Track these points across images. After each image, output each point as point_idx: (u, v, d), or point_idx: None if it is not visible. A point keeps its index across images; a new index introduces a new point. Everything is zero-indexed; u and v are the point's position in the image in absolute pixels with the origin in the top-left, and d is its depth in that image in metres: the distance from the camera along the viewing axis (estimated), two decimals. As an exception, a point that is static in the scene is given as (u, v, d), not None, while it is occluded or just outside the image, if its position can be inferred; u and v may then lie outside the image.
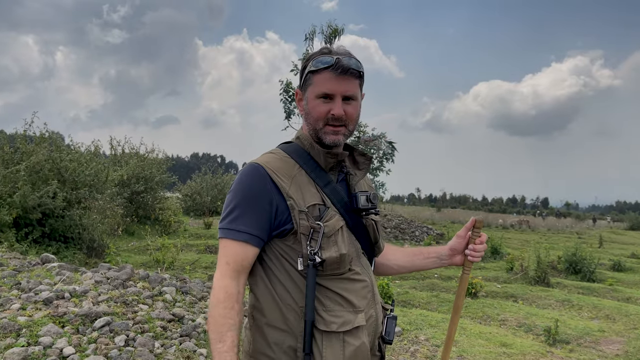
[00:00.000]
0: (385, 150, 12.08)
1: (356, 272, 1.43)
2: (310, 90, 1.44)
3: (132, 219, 15.32)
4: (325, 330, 1.34)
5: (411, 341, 5.23)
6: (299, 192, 1.40)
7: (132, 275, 5.13)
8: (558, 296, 8.79)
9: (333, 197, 1.44)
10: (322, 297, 1.37)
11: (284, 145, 1.54)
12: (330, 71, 1.40)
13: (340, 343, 1.34)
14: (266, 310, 1.41)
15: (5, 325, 3.48)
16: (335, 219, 1.41)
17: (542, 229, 30.00)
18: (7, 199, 8.64)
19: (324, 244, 1.35)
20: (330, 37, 11.38)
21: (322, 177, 1.45)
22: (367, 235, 1.52)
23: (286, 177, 1.40)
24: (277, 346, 1.38)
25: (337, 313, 1.36)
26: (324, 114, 1.42)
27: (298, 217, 1.36)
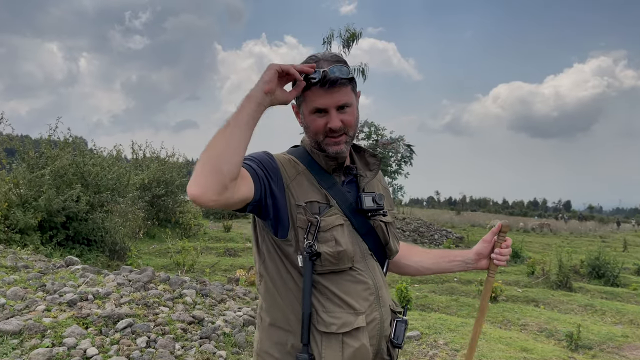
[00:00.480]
0: (403, 153, 12.03)
1: (359, 273, 1.44)
2: (304, 106, 1.46)
3: (153, 222, 15.51)
4: (325, 331, 1.36)
5: (430, 345, 5.20)
6: (300, 188, 1.43)
7: (153, 277, 5.21)
8: (581, 301, 8.65)
9: (338, 199, 1.46)
10: (323, 298, 1.39)
11: (291, 149, 1.58)
12: (319, 87, 1.39)
13: (339, 344, 1.36)
14: (270, 310, 1.46)
15: (31, 327, 3.57)
16: (335, 216, 1.42)
17: (564, 233, 29.51)
18: (32, 203, 8.84)
19: (320, 238, 1.37)
20: (348, 41, 11.39)
21: (326, 179, 1.48)
22: (376, 237, 1.52)
23: (289, 172, 1.44)
24: (281, 346, 1.42)
25: (336, 314, 1.38)
26: (321, 127, 1.43)
27: (295, 211, 1.39)
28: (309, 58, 1.46)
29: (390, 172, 12.12)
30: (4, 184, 8.73)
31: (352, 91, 1.46)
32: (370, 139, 12.34)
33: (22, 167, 9.61)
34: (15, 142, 9.79)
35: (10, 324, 3.55)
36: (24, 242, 8.16)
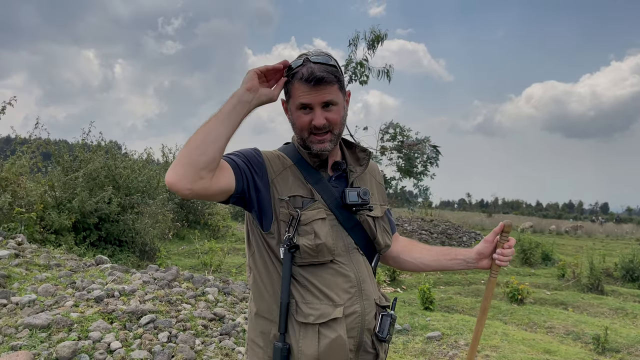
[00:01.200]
0: (429, 154, 11.94)
1: (340, 266, 1.46)
2: (291, 102, 1.49)
3: (182, 223, 15.83)
4: (303, 321, 1.40)
5: (450, 345, 5.19)
6: (284, 183, 1.47)
7: (177, 276, 5.35)
8: (611, 304, 8.44)
9: (323, 194, 1.49)
10: (302, 290, 1.43)
11: (283, 146, 1.63)
12: (305, 83, 1.42)
13: (315, 335, 1.39)
14: (257, 301, 1.51)
15: (59, 321, 3.74)
16: (317, 211, 1.46)
17: (599, 235, 28.67)
18: (66, 205, 9.17)
19: (300, 231, 1.41)
20: (373, 43, 11.40)
21: (312, 175, 1.52)
22: (363, 232, 1.54)
23: (276, 167, 1.49)
24: (264, 335, 1.46)
25: (315, 306, 1.41)
26: (306, 124, 1.46)
27: (278, 205, 1.44)
28: (299, 56, 1.49)
29: (416, 173, 12.03)
30: (40, 186, 9.07)
31: (339, 90, 1.48)
32: (395, 140, 12.29)
33: (57, 170, 9.98)
34: (51, 146, 10.16)
35: (40, 318, 3.73)
36: (58, 242, 8.46)
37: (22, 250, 5.98)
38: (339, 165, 1.58)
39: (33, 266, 5.47)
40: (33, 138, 9.60)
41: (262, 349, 1.47)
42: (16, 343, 3.41)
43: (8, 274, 4.87)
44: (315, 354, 1.37)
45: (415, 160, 12.16)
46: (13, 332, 3.61)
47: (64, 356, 3.28)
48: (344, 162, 1.59)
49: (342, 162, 1.59)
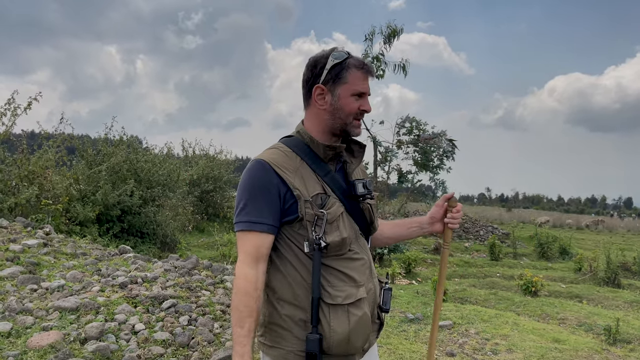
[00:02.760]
0: (445, 148, 11.99)
1: (355, 252, 1.59)
2: (344, 88, 1.57)
3: (202, 216, 16.15)
4: (332, 303, 1.50)
5: (461, 334, 5.32)
6: (302, 183, 1.54)
7: (197, 265, 5.57)
8: (627, 297, 8.45)
9: (332, 185, 1.58)
10: (327, 275, 1.53)
11: (285, 139, 1.67)
12: (362, 72, 1.57)
13: (345, 314, 1.51)
14: (278, 287, 1.57)
15: (87, 304, 3.97)
16: (336, 206, 1.55)
17: (621, 230, 28.32)
18: (90, 197, 9.49)
19: (327, 230, 1.51)
20: (390, 37, 11.46)
21: (322, 167, 1.59)
22: (364, 218, 1.66)
23: (290, 170, 1.54)
24: (289, 318, 1.56)
25: (341, 288, 1.53)
26: (355, 109, 1.58)
27: (304, 206, 1.51)
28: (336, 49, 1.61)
29: (432, 167, 12.09)
30: (65, 179, 9.39)
31: None
32: (411, 134, 12.35)
33: (81, 164, 10.30)
34: (75, 140, 10.49)
35: (69, 301, 3.97)
36: (83, 233, 8.77)
37: (50, 240, 6.26)
38: (338, 157, 1.66)
39: (61, 255, 5.74)
40: (58, 133, 9.92)
41: (287, 331, 1.56)
42: (47, 324, 3.64)
43: (38, 261, 5.14)
44: (346, 331, 1.50)
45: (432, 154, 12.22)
46: (44, 315, 3.85)
47: (92, 336, 3.51)
48: (342, 154, 1.68)
49: (341, 154, 1.67)
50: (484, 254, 14.71)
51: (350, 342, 1.51)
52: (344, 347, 1.51)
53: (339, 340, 1.49)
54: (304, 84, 1.64)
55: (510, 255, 14.53)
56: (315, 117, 1.63)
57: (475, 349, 4.89)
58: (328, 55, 1.59)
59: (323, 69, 1.58)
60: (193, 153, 18.46)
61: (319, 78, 1.58)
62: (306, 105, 1.66)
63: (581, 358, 4.75)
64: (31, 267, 4.95)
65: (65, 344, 3.40)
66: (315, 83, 1.59)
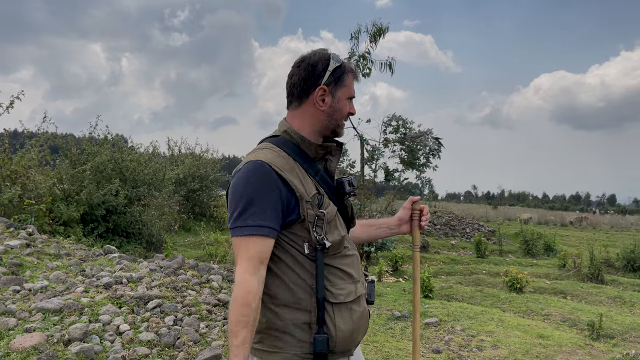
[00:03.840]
0: (431, 146, 12.05)
1: (349, 249, 1.62)
2: (343, 91, 1.59)
3: (188, 215, 16.06)
4: (335, 302, 1.51)
5: (447, 331, 5.35)
6: (301, 183, 1.51)
7: (182, 264, 5.54)
8: (610, 293, 8.57)
9: (323, 185, 1.58)
10: (328, 274, 1.52)
11: (273, 139, 1.62)
12: (353, 76, 1.63)
13: (348, 312, 1.53)
14: (277, 292, 1.52)
15: (70, 305, 3.93)
16: (331, 205, 1.56)
17: (604, 227, 28.72)
18: (74, 197, 9.38)
19: (328, 229, 1.51)
20: (375, 36, 11.48)
21: (312, 167, 1.58)
22: (347, 215, 1.68)
23: (288, 171, 1.50)
24: (291, 322, 1.51)
25: (341, 286, 1.54)
26: (347, 112, 1.63)
27: (305, 207, 1.48)
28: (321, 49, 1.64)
29: (419, 165, 12.15)
30: (49, 179, 9.28)
31: None
32: (398, 132, 12.40)
33: (65, 163, 10.18)
34: (59, 140, 10.36)
35: (52, 302, 3.92)
36: (67, 233, 8.67)
37: (32, 241, 6.18)
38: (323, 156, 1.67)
39: (44, 255, 5.67)
40: (41, 132, 9.80)
41: (289, 335, 1.51)
42: (30, 326, 3.60)
43: (20, 262, 5.07)
44: (350, 327, 1.53)
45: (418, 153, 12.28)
46: (27, 316, 3.80)
47: (75, 337, 3.47)
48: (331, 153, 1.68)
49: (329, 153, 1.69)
50: (470, 251, 14.83)
51: (353, 337, 1.56)
52: (348, 343, 1.54)
53: (344, 338, 1.52)
54: (300, 83, 1.59)
55: (496, 252, 14.67)
56: (309, 116, 1.60)
57: (461, 345, 4.92)
58: (327, 57, 1.59)
59: (325, 71, 1.56)
60: (179, 152, 18.35)
61: (321, 79, 1.56)
62: (297, 104, 1.61)
63: (565, 353, 4.81)
64: (14, 268, 4.88)
65: (48, 345, 3.36)
66: (316, 83, 1.57)
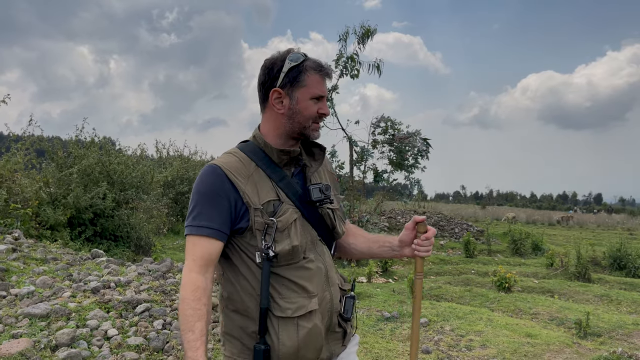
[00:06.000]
0: (420, 147, 12.12)
1: (310, 260, 1.54)
2: (302, 92, 1.53)
3: (177, 218, 15.96)
4: (281, 316, 1.47)
5: (436, 331, 5.38)
6: (254, 190, 1.50)
7: (171, 268, 5.51)
8: (597, 291, 8.66)
9: (288, 191, 1.54)
10: (279, 285, 1.49)
11: (241, 144, 1.63)
12: (320, 74, 1.54)
13: (294, 327, 1.47)
14: (231, 298, 1.54)
15: (58, 310, 3.89)
16: (289, 212, 1.51)
17: (591, 225, 29.01)
18: (61, 200, 9.29)
19: (277, 238, 1.47)
20: (363, 38, 11.54)
21: (276, 172, 1.55)
22: (324, 224, 1.62)
23: (242, 177, 1.50)
24: (242, 330, 1.53)
25: (292, 299, 1.48)
26: (314, 113, 1.55)
27: (253, 214, 1.47)
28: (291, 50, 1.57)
29: (407, 166, 12.21)
30: (35, 182, 9.17)
31: None
32: (386, 133, 12.45)
33: (51, 166, 10.09)
34: (45, 143, 10.26)
35: (39, 308, 3.88)
36: (54, 237, 8.58)
37: (19, 245, 6.12)
38: (296, 161, 1.63)
39: (30, 260, 5.61)
40: (27, 135, 9.70)
41: (239, 341, 1.54)
42: (17, 331, 3.56)
43: (6, 267, 5.01)
44: (295, 344, 1.47)
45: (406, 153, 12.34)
46: (13, 322, 3.76)
47: (63, 343, 3.44)
48: (302, 158, 1.65)
49: (300, 157, 1.64)
50: (459, 251, 14.90)
51: (300, 354, 1.49)
52: (293, 359, 1.49)
53: (288, 354, 1.47)
54: (260, 87, 1.60)
55: (484, 252, 14.75)
56: (272, 120, 1.59)
57: (450, 345, 4.95)
58: (284, 57, 1.55)
59: (280, 72, 1.54)
60: (167, 154, 18.25)
61: (276, 81, 1.54)
62: (262, 108, 1.61)
63: (553, 352, 4.86)
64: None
65: (35, 351, 3.32)
66: (272, 86, 1.55)
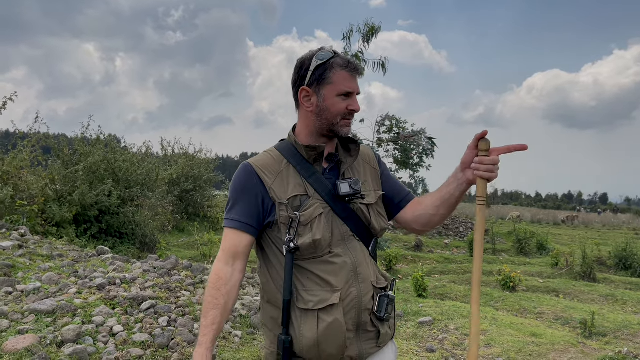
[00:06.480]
0: (425, 146, 12.10)
1: (336, 255, 1.55)
2: (329, 89, 1.57)
3: (182, 216, 16.00)
4: (304, 308, 1.51)
5: (441, 330, 5.37)
6: (282, 185, 1.56)
7: (176, 265, 5.53)
8: (602, 291, 8.62)
9: (317, 187, 1.57)
10: (303, 278, 1.53)
11: (279, 143, 1.70)
12: (348, 71, 1.57)
13: (315, 320, 1.50)
14: (265, 289, 1.63)
15: (63, 307, 3.91)
16: (314, 207, 1.54)
17: (596, 225, 28.91)
18: (67, 198, 9.32)
19: (300, 232, 1.51)
20: (368, 35, 11.52)
21: (307, 169, 1.59)
22: (357, 219, 1.61)
23: (272, 173, 1.58)
24: (274, 320, 1.59)
25: (315, 292, 1.51)
26: (343, 109, 1.57)
27: (278, 209, 1.53)
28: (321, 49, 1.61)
29: (412, 164, 12.20)
30: (41, 180, 9.21)
31: None
32: (391, 132, 12.44)
33: (57, 164, 10.12)
34: (51, 140, 10.30)
35: (45, 304, 3.90)
36: (60, 234, 8.62)
37: (25, 242, 6.15)
38: (332, 157, 1.66)
39: (36, 256, 5.64)
40: (33, 132, 9.73)
41: (272, 332, 1.60)
42: (23, 327, 3.58)
43: (13, 263, 5.04)
44: (314, 337, 1.49)
45: (411, 152, 12.34)
46: (19, 318, 3.78)
47: (69, 339, 3.46)
48: (337, 153, 1.67)
49: (335, 153, 1.66)
50: (464, 250, 14.88)
51: (320, 348, 1.51)
52: (315, 352, 1.51)
53: (309, 346, 1.50)
54: (292, 86, 1.65)
55: (489, 251, 14.72)
56: (303, 118, 1.65)
57: (455, 344, 4.94)
58: (313, 56, 1.59)
59: (307, 71, 1.59)
60: (172, 152, 18.29)
61: (305, 80, 1.59)
62: (296, 107, 1.67)
63: (557, 352, 4.84)
64: (6, 269, 4.85)
65: (41, 347, 3.34)
66: (301, 85, 1.61)
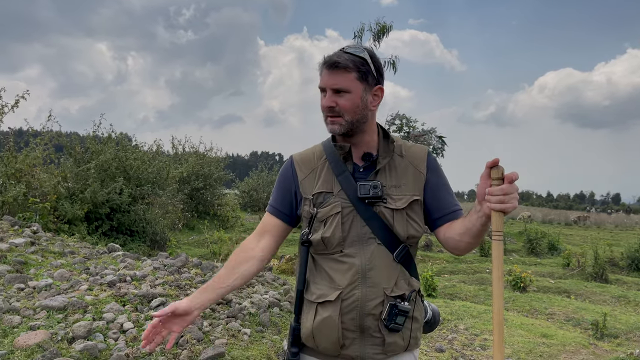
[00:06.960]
0: (435, 145, 12.05)
1: (347, 255, 1.53)
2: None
3: (192, 214, 16.08)
4: (308, 299, 1.60)
5: (450, 330, 5.35)
6: (313, 181, 1.62)
7: (186, 262, 5.55)
8: (614, 292, 8.55)
9: (345, 186, 1.57)
10: (316, 271, 1.61)
11: (328, 138, 1.71)
12: (325, 67, 1.55)
13: (313, 312, 1.57)
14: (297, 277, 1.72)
15: (74, 303, 3.94)
16: (332, 205, 1.55)
17: (609, 226, 28.63)
18: (79, 195, 9.42)
19: (315, 227, 1.57)
20: (379, 34, 11.49)
21: (338, 167, 1.60)
22: (381, 222, 1.55)
23: (307, 168, 1.66)
24: (293, 307, 1.68)
25: (320, 286, 1.58)
26: (322, 107, 1.58)
27: (303, 203, 1.63)
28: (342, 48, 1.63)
29: (422, 163, 12.16)
30: (53, 177, 9.30)
31: (356, 79, 1.53)
32: (402, 131, 12.41)
33: (69, 161, 10.22)
34: (63, 138, 10.39)
35: (56, 300, 3.94)
36: (71, 231, 8.70)
37: (37, 239, 6.21)
38: (369, 156, 1.62)
39: (48, 253, 5.69)
40: (45, 130, 9.83)
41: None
42: (34, 323, 3.61)
43: (25, 260, 5.10)
44: (310, 328, 1.57)
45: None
46: (31, 314, 3.82)
47: (79, 335, 3.48)
48: (371, 153, 1.63)
49: (370, 153, 1.62)
50: (474, 250, 14.81)
51: (316, 339, 1.57)
52: (312, 342, 1.59)
53: (306, 335, 1.59)
54: None
55: (499, 251, 14.64)
56: None
57: (464, 344, 4.92)
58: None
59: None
60: (183, 150, 18.38)
61: None
62: None
63: (569, 353, 4.80)
64: (18, 266, 4.90)
65: (52, 343, 3.37)
66: None
